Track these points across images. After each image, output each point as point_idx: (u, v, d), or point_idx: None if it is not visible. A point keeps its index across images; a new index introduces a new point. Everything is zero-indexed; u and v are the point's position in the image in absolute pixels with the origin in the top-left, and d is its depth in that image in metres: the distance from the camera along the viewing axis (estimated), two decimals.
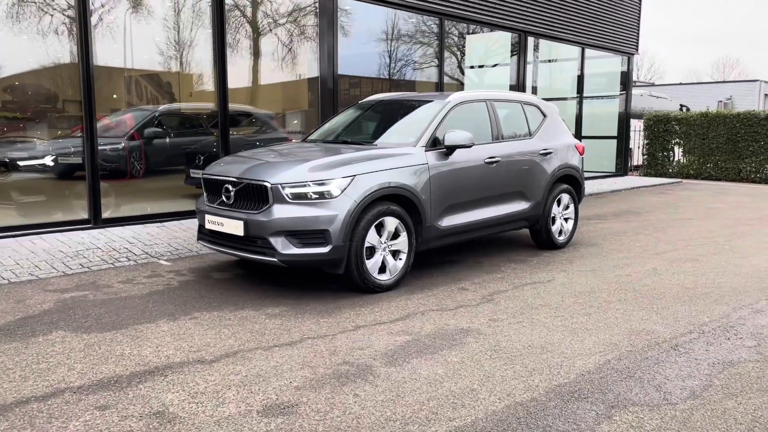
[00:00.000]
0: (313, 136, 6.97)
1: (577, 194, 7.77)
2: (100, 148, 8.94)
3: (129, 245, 6.99)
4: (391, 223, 5.51)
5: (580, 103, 15.55)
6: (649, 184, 15.65)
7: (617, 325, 4.75)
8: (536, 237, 7.43)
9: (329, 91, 9.76)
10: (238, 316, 4.81)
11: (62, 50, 7.54)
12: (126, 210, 8.11)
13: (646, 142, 18.46)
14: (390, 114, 6.87)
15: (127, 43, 8.35)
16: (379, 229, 5.48)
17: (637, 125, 19.27)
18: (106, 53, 7.95)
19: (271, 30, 9.78)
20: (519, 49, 13.34)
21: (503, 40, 13.61)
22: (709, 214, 10.66)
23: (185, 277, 5.95)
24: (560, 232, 7.50)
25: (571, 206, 7.61)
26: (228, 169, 5.70)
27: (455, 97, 6.48)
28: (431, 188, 5.82)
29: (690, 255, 7.26)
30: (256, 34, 9.61)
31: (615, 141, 17.19)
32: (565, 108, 15.60)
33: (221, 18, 8.43)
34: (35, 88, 7.80)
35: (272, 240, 5.16)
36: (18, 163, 8.36)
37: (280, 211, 5.16)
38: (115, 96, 8.91)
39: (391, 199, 5.59)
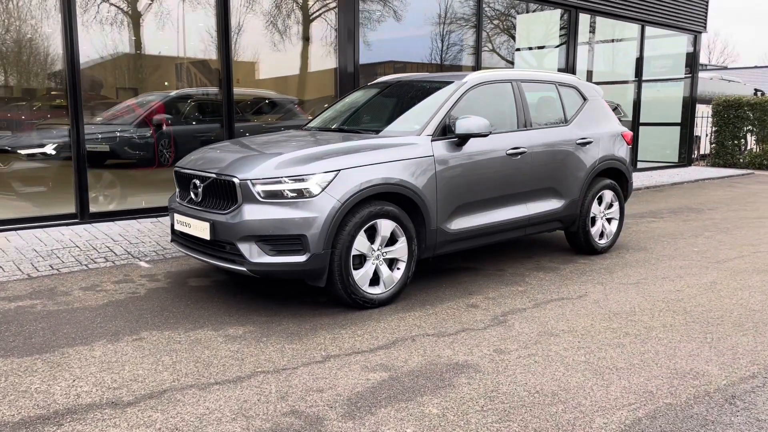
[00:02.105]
0: (313, 123, 6.12)
1: (623, 190, 6.68)
2: (127, 135, 8.41)
3: (112, 243, 6.33)
4: (385, 226, 4.62)
5: (638, 87, 14.18)
6: (716, 175, 14.18)
7: (657, 362, 3.75)
8: (572, 240, 6.40)
9: (349, 76, 8.88)
10: (191, 338, 4.03)
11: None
12: (134, 202, 7.48)
13: (714, 129, 16.85)
14: (402, 98, 5.95)
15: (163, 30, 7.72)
16: (372, 233, 4.60)
17: (705, 111, 17.66)
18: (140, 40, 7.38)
19: (292, 11, 8.99)
20: (569, 28, 12.13)
21: (553, 18, 12.43)
22: None
23: (158, 283, 5.22)
24: (601, 235, 6.44)
25: (615, 204, 6.53)
26: (198, 161, 4.92)
27: (473, 77, 5.51)
28: (438, 185, 4.90)
29: (759, 265, 6.10)
30: (276, 16, 8.82)
31: (678, 128, 15.72)
32: (622, 92, 14.28)
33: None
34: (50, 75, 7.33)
35: (241, 246, 4.35)
36: (19, 151, 7.88)
37: (251, 212, 4.34)
38: (166, 83, 8.63)
39: (387, 198, 4.70)
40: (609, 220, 6.54)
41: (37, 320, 4.33)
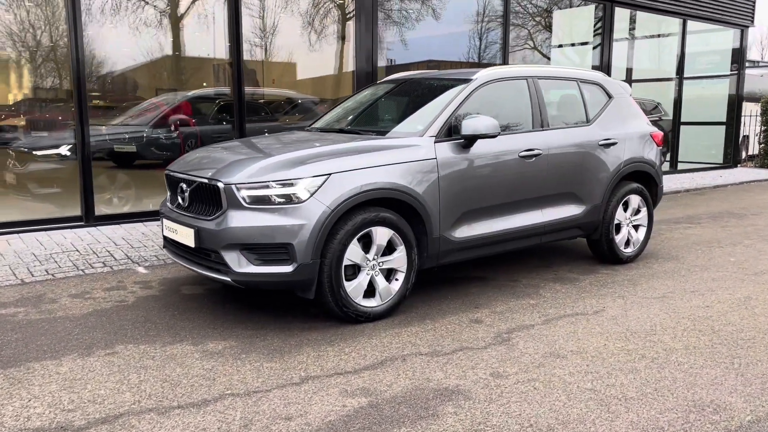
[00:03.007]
0: (318, 123, 5.82)
1: (652, 195, 6.20)
2: (153, 136, 8.28)
3: (113, 248, 6.15)
4: (381, 234, 4.29)
5: (679, 85, 13.51)
6: (763, 177, 13.42)
7: (674, 391, 3.33)
8: (595, 248, 5.96)
9: (367, 76, 8.56)
10: (166, 354, 3.77)
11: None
12: (142, 205, 7.34)
13: (763, 128, 15.99)
14: (411, 96, 5.61)
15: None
16: (368, 242, 4.28)
17: (754, 110, 16.79)
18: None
19: (326, 11, 8.78)
20: (604, 24, 11.58)
21: (590, 14, 11.91)
22: None
23: (149, 291, 5.00)
24: (627, 243, 5.98)
25: (643, 210, 6.07)
26: (188, 163, 4.68)
27: (483, 74, 5.13)
28: (440, 189, 4.55)
29: None
30: (312, 15, 8.60)
31: (723, 127, 14.96)
32: (663, 90, 13.62)
33: None
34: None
35: (225, 255, 4.08)
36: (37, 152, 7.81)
37: (235, 219, 4.07)
38: (204, 83, 8.62)
39: (384, 204, 4.37)
40: (636, 227, 6.07)
41: (15, 330, 4.13)
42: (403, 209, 4.44)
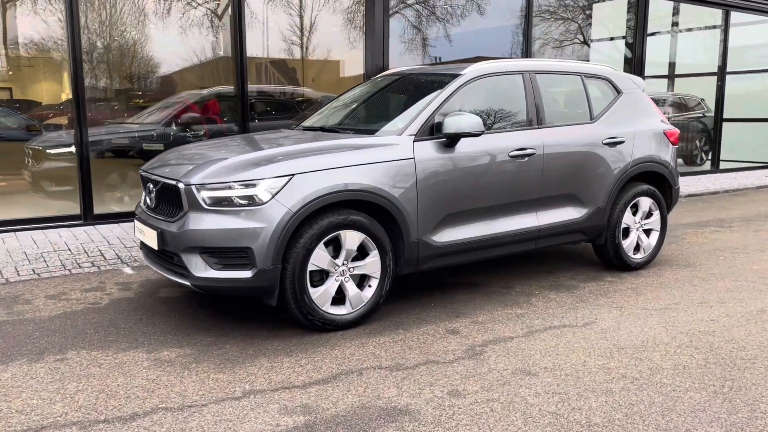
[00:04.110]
0: (307, 121, 5.62)
1: (666, 197, 5.78)
2: (181, 134, 8.26)
3: (106, 247, 6.09)
4: (351, 238, 4.06)
5: (722, 80, 12.80)
6: None
7: (646, 418, 3.00)
8: (601, 254, 5.59)
9: (379, 71, 8.32)
10: (116, 361, 3.63)
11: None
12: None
13: None
14: (402, 93, 5.35)
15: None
16: (337, 246, 4.05)
17: None
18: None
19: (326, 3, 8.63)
20: (637, 15, 11.04)
21: (625, 6, 11.39)
22: None
23: (127, 293, 4.89)
24: (637, 249, 5.59)
25: (656, 213, 5.66)
26: (157, 162, 4.54)
27: (473, 68, 4.83)
28: (419, 191, 4.28)
29: None
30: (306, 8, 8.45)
31: None
32: (706, 85, 12.93)
33: None
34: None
35: (185, 258, 3.92)
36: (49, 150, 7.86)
37: (195, 221, 3.90)
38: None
39: (356, 206, 4.13)
40: (647, 232, 5.67)
41: None
42: (376, 212, 4.20)
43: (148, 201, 4.39)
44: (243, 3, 7.30)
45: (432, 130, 4.45)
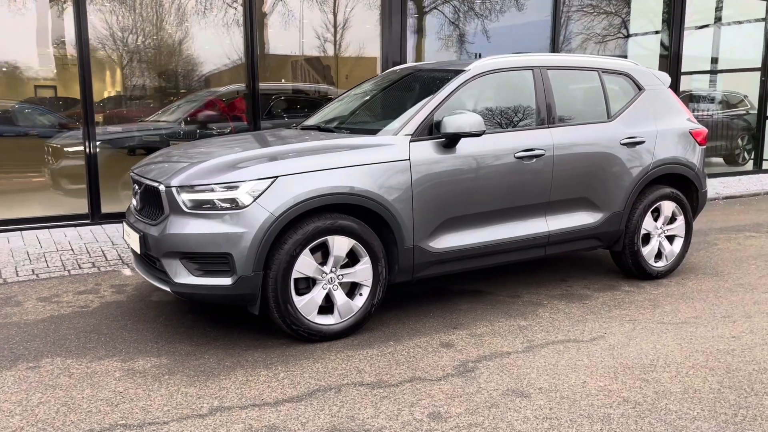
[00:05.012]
0: (311, 120, 5.40)
1: (692, 202, 5.41)
2: (206, 131, 8.21)
3: (109, 247, 5.99)
4: (340, 244, 3.83)
5: (766, 76, 12.16)
6: None
7: None
8: (619, 261, 5.25)
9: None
10: (88, 371, 3.48)
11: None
12: None
13: None
14: (407, 90, 5.09)
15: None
16: (326, 252, 3.84)
17: None
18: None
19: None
20: (673, 8, 10.54)
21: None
22: None
23: (120, 296, 4.77)
24: (659, 256, 5.23)
25: (680, 218, 5.28)
26: (145, 163, 4.39)
27: (478, 64, 4.55)
28: (414, 194, 4.03)
29: None
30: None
31: None
32: (751, 81, 12.29)
33: None
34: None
35: (165, 263, 3.76)
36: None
37: (176, 225, 3.73)
38: (283, 80, 8.73)
39: (345, 210, 3.91)
40: (670, 239, 5.30)
41: None
42: (368, 216, 3.97)
43: (135, 203, 4.24)
44: (254, 1, 7.13)
45: (431, 130, 4.19)
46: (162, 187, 3.78)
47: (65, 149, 7.67)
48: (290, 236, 3.69)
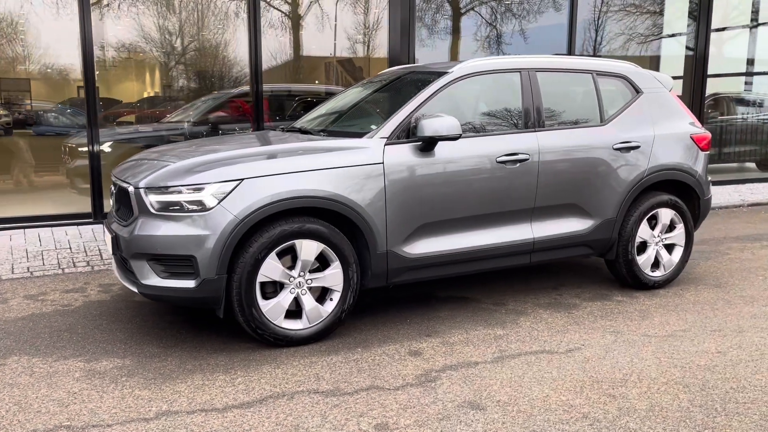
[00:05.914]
0: (297, 122, 5.36)
1: (693, 210, 5.20)
2: (227, 132, 8.29)
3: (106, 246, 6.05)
4: (308, 248, 3.78)
5: None
6: None
7: None
8: (613, 269, 5.08)
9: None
10: (50, 370, 3.51)
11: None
12: None
13: None
14: (392, 93, 5.01)
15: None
16: (294, 256, 3.79)
17: None
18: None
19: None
20: (700, 6, 10.21)
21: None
22: None
23: (104, 295, 4.81)
24: (656, 265, 5.04)
25: (679, 227, 5.08)
26: (124, 164, 4.41)
27: (461, 67, 4.45)
28: (388, 198, 3.96)
29: None
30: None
31: None
32: None
33: None
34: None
35: (134, 264, 3.77)
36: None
37: (143, 226, 3.73)
38: (316, 81, 8.93)
39: (315, 214, 3.86)
40: (669, 247, 5.10)
41: None
42: (339, 220, 3.91)
43: (112, 204, 4.27)
44: (258, 3, 7.14)
45: (409, 134, 4.11)
46: (131, 189, 3.78)
47: (79, 149, 7.82)
48: (256, 239, 3.66)
